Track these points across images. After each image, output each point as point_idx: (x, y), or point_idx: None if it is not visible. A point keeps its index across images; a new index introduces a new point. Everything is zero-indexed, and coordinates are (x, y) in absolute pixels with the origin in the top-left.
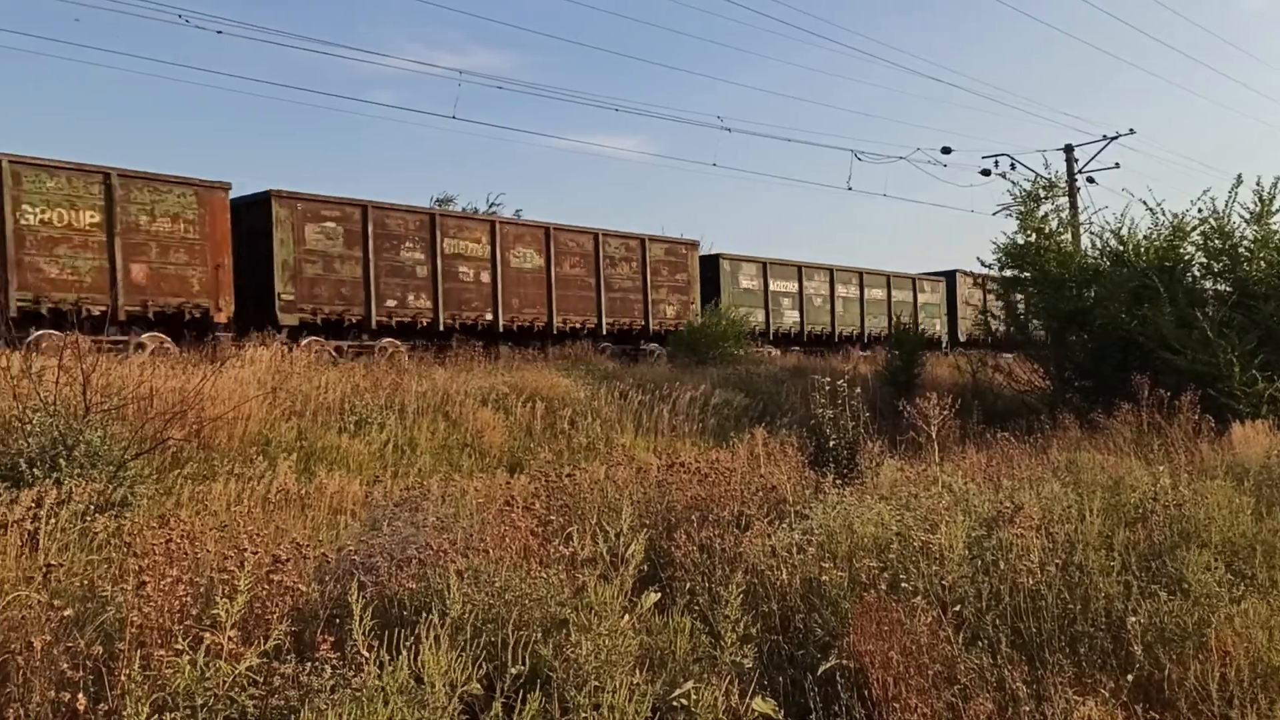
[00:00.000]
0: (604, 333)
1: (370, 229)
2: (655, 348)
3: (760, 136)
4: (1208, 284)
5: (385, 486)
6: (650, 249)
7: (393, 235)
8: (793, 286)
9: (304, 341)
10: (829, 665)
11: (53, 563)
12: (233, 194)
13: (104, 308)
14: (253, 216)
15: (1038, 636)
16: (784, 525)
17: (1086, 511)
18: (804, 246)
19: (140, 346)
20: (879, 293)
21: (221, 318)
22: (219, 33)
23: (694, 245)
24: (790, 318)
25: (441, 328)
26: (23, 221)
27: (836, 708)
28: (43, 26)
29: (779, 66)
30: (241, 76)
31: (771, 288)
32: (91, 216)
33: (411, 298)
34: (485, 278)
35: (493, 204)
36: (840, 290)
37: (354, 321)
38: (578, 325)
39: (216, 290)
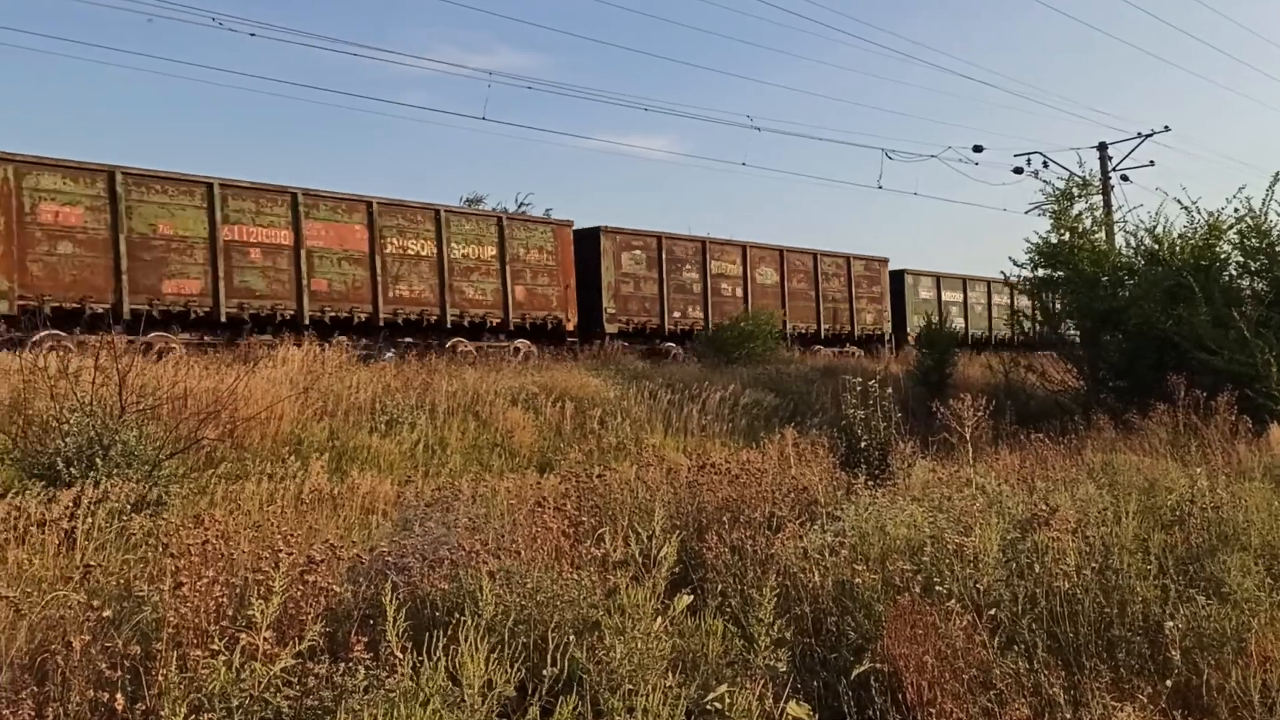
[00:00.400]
0: (822, 337)
1: (663, 255)
2: (856, 350)
3: (791, 136)
4: (1244, 283)
5: (417, 486)
6: (853, 265)
7: (677, 259)
8: (959, 296)
9: (617, 345)
10: (863, 669)
11: (90, 562)
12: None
13: (498, 319)
14: (585, 246)
15: (1074, 641)
16: (816, 527)
17: (1122, 514)
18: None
19: (516, 350)
20: (1026, 300)
21: (570, 326)
22: (252, 35)
23: (885, 261)
24: (957, 324)
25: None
26: (450, 256)
27: (871, 712)
28: (46, 26)
29: (810, 66)
30: (268, 78)
31: (943, 297)
32: (491, 250)
33: (690, 309)
34: (739, 292)
35: (521, 204)
36: (995, 299)
37: (651, 329)
38: (803, 330)
39: (566, 305)
